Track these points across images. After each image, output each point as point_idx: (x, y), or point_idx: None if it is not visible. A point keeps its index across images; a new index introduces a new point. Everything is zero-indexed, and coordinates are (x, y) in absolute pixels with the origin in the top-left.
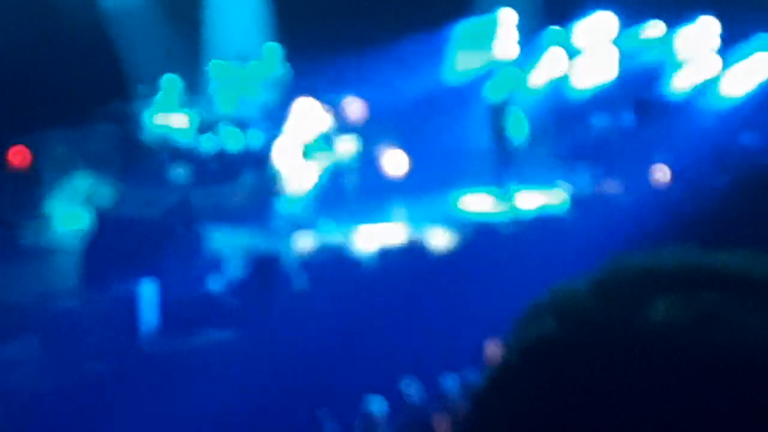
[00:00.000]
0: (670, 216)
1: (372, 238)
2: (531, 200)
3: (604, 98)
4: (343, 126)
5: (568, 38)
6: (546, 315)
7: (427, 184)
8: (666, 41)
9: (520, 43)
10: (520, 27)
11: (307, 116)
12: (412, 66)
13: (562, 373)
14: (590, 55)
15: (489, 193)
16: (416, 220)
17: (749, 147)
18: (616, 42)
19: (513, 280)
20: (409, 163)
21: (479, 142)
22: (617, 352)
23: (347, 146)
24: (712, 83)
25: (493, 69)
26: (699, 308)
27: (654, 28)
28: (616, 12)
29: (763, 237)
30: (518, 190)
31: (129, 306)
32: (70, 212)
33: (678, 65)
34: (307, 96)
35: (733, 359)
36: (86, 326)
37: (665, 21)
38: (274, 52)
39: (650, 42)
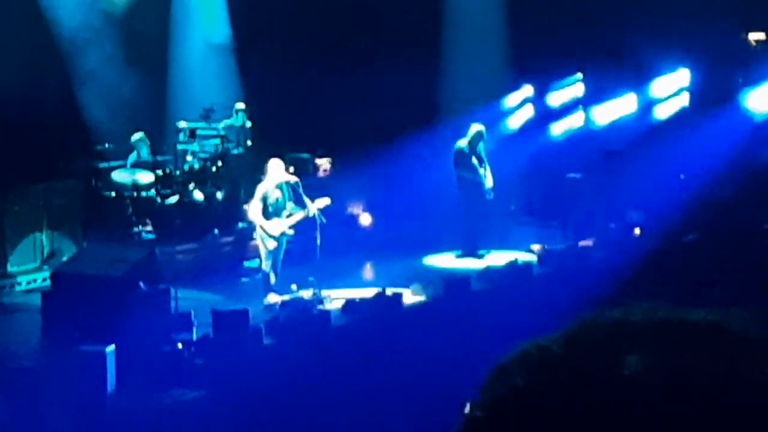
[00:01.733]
0: (641, 270)
1: (342, 295)
2: (502, 257)
3: (576, 153)
4: (314, 184)
5: (540, 97)
6: (513, 370)
7: (397, 242)
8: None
9: (493, 99)
10: (493, 83)
11: (277, 174)
12: (383, 125)
13: (530, 426)
14: (562, 114)
15: (460, 251)
16: (386, 278)
17: (718, 201)
18: (585, 101)
19: (486, 336)
20: (379, 222)
21: (450, 199)
22: (588, 405)
23: (318, 204)
24: (682, 138)
25: (473, 128)
26: (673, 362)
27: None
28: (586, 73)
29: (733, 291)
30: (489, 246)
31: (94, 365)
32: (33, 269)
33: (648, 121)
34: (276, 153)
35: (708, 413)
36: (51, 385)
37: (635, 78)
38: (242, 110)
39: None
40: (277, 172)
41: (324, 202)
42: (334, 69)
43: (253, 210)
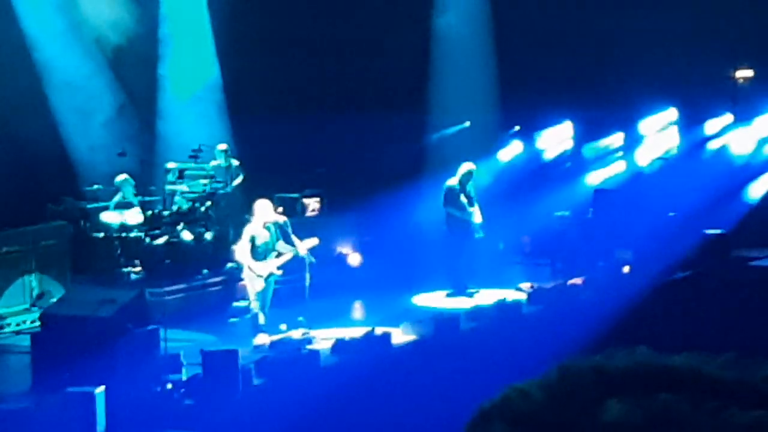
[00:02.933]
0: (630, 310)
1: (331, 335)
2: (491, 296)
3: (566, 193)
4: (302, 223)
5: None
6: (493, 415)
7: (386, 281)
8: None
9: (484, 142)
10: (483, 125)
11: (265, 215)
12: (373, 163)
13: None
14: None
15: (449, 290)
16: (376, 317)
17: (707, 239)
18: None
19: (475, 376)
20: (368, 261)
21: (440, 237)
22: None
23: (306, 244)
24: (672, 177)
25: (464, 167)
26: (652, 408)
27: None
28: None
29: (719, 332)
30: (478, 285)
31: (84, 406)
32: (22, 311)
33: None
34: (264, 193)
35: None
36: (40, 428)
37: (625, 118)
38: (223, 151)
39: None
40: (264, 213)
41: (312, 242)
42: (322, 109)
43: (241, 251)
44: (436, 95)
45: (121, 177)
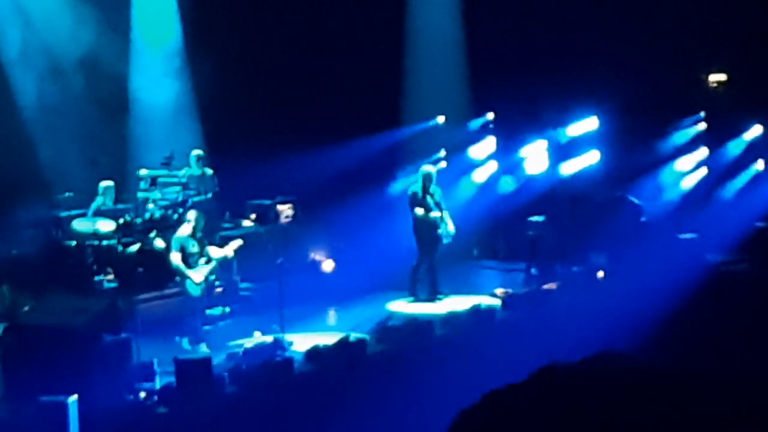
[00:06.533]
0: (607, 315)
1: (305, 341)
2: (465, 302)
3: (541, 197)
4: (274, 229)
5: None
6: (476, 418)
7: (360, 287)
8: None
9: (455, 146)
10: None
11: (192, 223)
12: (344, 170)
13: None
14: (528, 157)
15: (420, 296)
16: (350, 324)
17: (688, 246)
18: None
19: (449, 382)
20: (342, 267)
21: (411, 245)
22: None
23: (232, 246)
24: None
25: (423, 170)
26: (630, 407)
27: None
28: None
29: (692, 336)
30: (451, 291)
31: (56, 416)
32: None
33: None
34: (238, 200)
35: None
36: None
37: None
38: (198, 156)
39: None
40: (192, 222)
41: (236, 243)
42: (294, 115)
43: (175, 260)
44: (409, 93)
45: (106, 183)
